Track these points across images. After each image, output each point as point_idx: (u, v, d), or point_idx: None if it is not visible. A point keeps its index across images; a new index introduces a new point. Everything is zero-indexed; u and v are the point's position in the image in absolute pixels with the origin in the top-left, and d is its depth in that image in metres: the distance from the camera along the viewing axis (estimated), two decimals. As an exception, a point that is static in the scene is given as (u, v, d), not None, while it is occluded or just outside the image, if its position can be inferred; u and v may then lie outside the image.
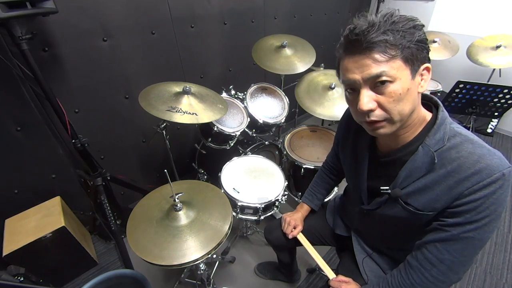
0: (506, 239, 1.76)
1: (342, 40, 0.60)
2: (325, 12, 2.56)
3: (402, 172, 0.68)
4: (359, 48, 0.56)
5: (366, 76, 0.57)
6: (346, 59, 0.60)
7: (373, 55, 0.55)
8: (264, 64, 1.72)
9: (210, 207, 1.01)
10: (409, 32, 0.55)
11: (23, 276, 1.18)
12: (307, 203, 1.15)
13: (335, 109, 1.56)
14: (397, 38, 0.54)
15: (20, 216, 1.38)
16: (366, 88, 0.59)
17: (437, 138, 0.63)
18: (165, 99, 1.26)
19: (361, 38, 0.55)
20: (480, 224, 0.59)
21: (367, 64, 0.56)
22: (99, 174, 1.46)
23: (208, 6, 1.70)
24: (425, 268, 0.68)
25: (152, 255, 0.85)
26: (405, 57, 0.56)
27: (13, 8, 0.91)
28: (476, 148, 0.60)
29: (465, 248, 0.63)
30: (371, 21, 0.55)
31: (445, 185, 0.62)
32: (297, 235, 1.08)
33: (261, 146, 1.78)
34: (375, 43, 0.54)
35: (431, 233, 0.67)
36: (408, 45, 0.55)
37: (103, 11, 1.33)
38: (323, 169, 1.17)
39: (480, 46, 2.25)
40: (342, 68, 0.62)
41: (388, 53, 0.55)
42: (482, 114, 1.78)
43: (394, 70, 0.56)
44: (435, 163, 0.62)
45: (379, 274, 0.90)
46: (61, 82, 1.33)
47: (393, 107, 0.59)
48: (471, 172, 0.58)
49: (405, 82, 0.57)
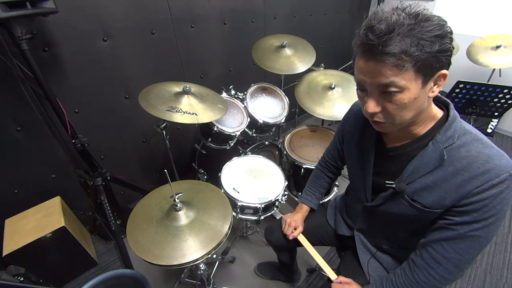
0: (506, 239, 1.76)
1: (360, 35, 0.57)
2: (325, 12, 2.56)
3: (410, 166, 0.69)
4: (373, 53, 0.54)
5: (375, 83, 0.58)
6: (361, 60, 0.59)
7: (386, 65, 0.54)
8: (264, 64, 1.72)
9: (210, 207, 1.01)
10: (431, 41, 0.51)
11: (23, 276, 1.18)
12: (306, 203, 1.14)
13: (335, 109, 1.56)
14: (413, 49, 0.51)
15: (20, 216, 1.38)
16: (374, 93, 0.60)
17: (447, 135, 0.64)
18: (165, 99, 1.26)
19: (377, 44, 0.53)
20: (486, 223, 0.60)
21: (378, 72, 0.56)
22: (99, 174, 1.46)
23: (208, 6, 1.70)
24: (431, 266, 0.68)
25: (152, 255, 0.85)
26: (418, 68, 0.54)
27: (13, 8, 0.91)
28: (486, 148, 0.61)
29: (471, 247, 0.64)
30: (392, 24, 0.51)
31: (453, 182, 0.62)
32: (298, 236, 1.08)
33: (261, 146, 1.78)
34: (390, 54, 0.52)
35: (437, 231, 0.67)
36: (425, 56, 0.52)
37: (103, 11, 1.33)
38: (320, 167, 1.16)
39: (480, 46, 2.25)
40: (356, 65, 0.62)
41: (402, 65, 0.53)
42: (482, 114, 1.78)
43: (404, 81, 0.55)
44: (444, 159, 0.63)
45: (382, 274, 0.90)
46: (61, 82, 1.33)
47: (396, 113, 0.60)
48: (480, 171, 0.59)
49: (413, 92, 0.57)
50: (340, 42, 2.93)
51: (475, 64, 2.22)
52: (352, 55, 0.65)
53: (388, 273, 0.88)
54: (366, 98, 0.62)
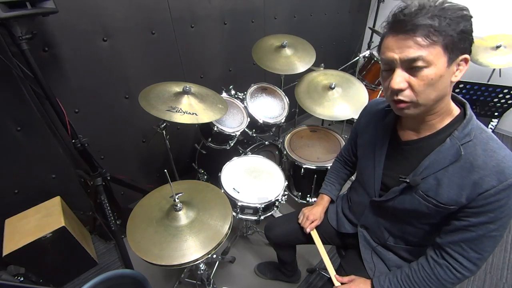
0: (506, 239, 1.76)
1: (390, 17, 0.61)
2: (325, 12, 2.56)
3: (425, 161, 0.69)
4: (403, 28, 0.57)
5: (404, 57, 0.59)
6: (390, 37, 0.61)
7: (415, 38, 0.56)
8: (264, 64, 1.72)
9: (210, 207, 1.01)
10: (456, 21, 0.56)
11: (23, 276, 1.18)
12: (327, 194, 1.14)
13: (335, 109, 1.56)
14: (442, 25, 0.55)
15: (20, 216, 1.38)
16: (401, 68, 0.61)
17: (465, 133, 0.65)
18: (165, 99, 1.26)
19: (408, 19, 0.56)
20: (502, 222, 0.63)
21: (408, 46, 0.58)
22: (99, 174, 1.46)
23: (208, 6, 1.70)
24: (452, 266, 0.70)
25: (152, 255, 0.85)
26: (445, 44, 0.57)
27: (13, 8, 0.91)
28: (501, 148, 0.63)
29: (489, 245, 0.66)
30: (422, 4, 0.57)
31: (469, 179, 0.63)
32: (312, 232, 1.08)
33: (261, 146, 1.78)
34: (420, 26, 0.55)
35: (454, 233, 0.69)
36: (451, 33, 0.56)
37: (103, 11, 1.33)
38: (339, 161, 1.18)
39: (480, 46, 2.25)
40: (383, 45, 0.64)
41: (430, 38, 0.56)
42: (482, 114, 1.78)
43: (432, 56, 0.57)
44: (461, 155, 0.64)
45: (383, 270, 0.90)
46: (61, 82, 1.33)
47: (422, 91, 0.61)
48: (495, 170, 0.60)
49: (439, 69, 0.58)
50: (340, 42, 2.93)
51: (475, 64, 2.22)
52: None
53: (390, 270, 0.88)
54: (392, 76, 0.63)
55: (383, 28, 0.64)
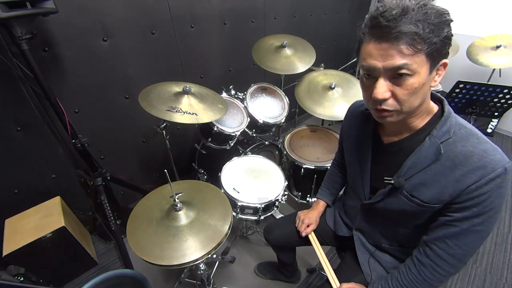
0: (506, 239, 1.76)
1: (369, 21, 0.58)
2: (325, 12, 2.56)
3: (407, 161, 0.69)
4: (387, 36, 0.54)
5: (388, 66, 0.56)
6: (371, 43, 0.57)
7: (400, 47, 0.54)
8: (264, 64, 1.72)
9: (210, 207, 1.01)
10: (439, 26, 0.53)
11: (23, 276, 1.18)
12: (323, 199, 1.14)
13: (335, 109, 1.56)
14: (426, 31, 0.52)
15: (20, 216, 1.38)
16: (384, 77, 0.59)
17: (444, 130, 0.65)
18: (165, 99, 1.26)
19: (392, 25, 0.53)
20: (486, 217, 0.62)
21: (391, 54, 0.55)
22: (99, 174, 1.46)
23: (208, 6, 1.70)
24: (437, 264, 0.69)
25: (152, 255, 0.85)
26: (429, 52, 0.55)
27: (13, 8, 0.91)
28: (481, 143, 0.62)
29: (474, 240, 0.65)
30: (405, 7, 0.53)
31: (451, 177, 0.63)
32: (309, 235, 1.08)
33: (261, 146, 1.78)
34: (404, 34, 0.52)
35: (439, 229, 0.68)
36: (435, 40, 0.53)
37: (103, 11, 1.33)
38: (334, 165, 1.17)
39: (480, 46, 2.25)
40: (364, 51, 0.60)
41: (415, 46, 0.53)
42: (482, 114, 1.78)
43: (416, 65, 0.55)
44: (441, 154, 0.64)
45: (381, 273, 0.90)
46: (61, 82, 1.33)
47: (406, 99, 0.59)
48: (476, 165, 0.59)
49: (422, 77, 0.57)
50: (340, 42, 2.92)
51: (475, 64, 2.22)
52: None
53: (388, 272, 0.88)
54: (374, 86, 0.60)
55: (362, 31, 0.60)
